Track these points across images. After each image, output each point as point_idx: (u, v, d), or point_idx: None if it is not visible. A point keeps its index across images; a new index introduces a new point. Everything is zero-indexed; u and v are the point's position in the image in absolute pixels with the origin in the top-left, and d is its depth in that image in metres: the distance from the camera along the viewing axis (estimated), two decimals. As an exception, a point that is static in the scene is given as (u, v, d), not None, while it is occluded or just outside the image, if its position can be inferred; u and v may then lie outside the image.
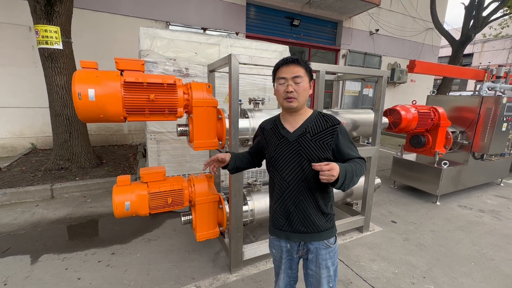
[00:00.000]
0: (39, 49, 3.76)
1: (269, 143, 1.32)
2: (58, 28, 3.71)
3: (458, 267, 2.42)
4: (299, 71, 1.18)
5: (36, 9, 3.57)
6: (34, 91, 5.13)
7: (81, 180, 3.78)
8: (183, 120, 2.19)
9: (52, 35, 3.69)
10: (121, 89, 1.67)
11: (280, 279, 1.41)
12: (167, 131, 3.08)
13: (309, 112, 1.29)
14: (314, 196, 1.23)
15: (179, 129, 2.05)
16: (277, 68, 1.25)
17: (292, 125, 1.27)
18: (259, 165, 1.55)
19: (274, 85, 1.28)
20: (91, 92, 1.58)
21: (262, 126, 1.41)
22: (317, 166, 1.05)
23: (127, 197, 1.86)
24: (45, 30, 3.63)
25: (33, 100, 5.19)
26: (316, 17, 8.08)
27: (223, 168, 1.45)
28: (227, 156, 1.40)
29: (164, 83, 1.78)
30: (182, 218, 2.19)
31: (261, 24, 7.43)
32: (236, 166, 1.45)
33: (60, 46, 3.77)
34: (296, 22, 7.67)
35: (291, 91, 1.18)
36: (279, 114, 1.38)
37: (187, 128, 2.05)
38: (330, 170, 1.02)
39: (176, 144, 3.17)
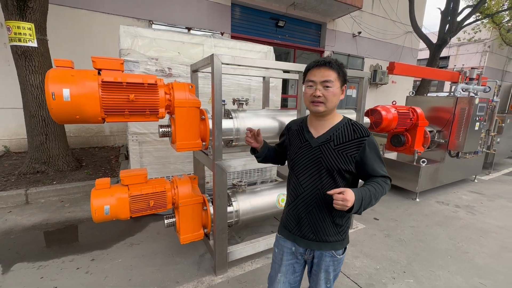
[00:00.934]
0: (11, 46, 3.56)
1: (292, 144, 1.29)
2: (32, 24, 3.53)
3: (436, 260, 2.52)
4: (330, 75, 1.12)
5: (8, 5, 3.38)
6: (7, 91, 4.85)
7: (58, 184, 3.61)
8: (165, 121, 2.15)
9: (26, 32, 3.51)
10: (98, 89, 1.61)
11: (279, 282, 1.33)
12: (150, 132, 3.00)
13: (338, 118, 1.22)
14: (329, 206, 1.16)
15: (161, 130, 2.00)
16: (308, 69, 1.18)
17: (317, 130, 1.22)
18: (283, 163, 1.51)
19: (303, 87, 1.23)
20: (66, 92, 1.52)
21: (288, 126, 1.38)
22: (331, 193, 1.01)
23: (106, 200, 1.79)
24: (18, 27, 3.44)
25: (5, 101, 4.91)
26: (300, 19, 8.18)
27: (252, 153, 1.47)
28: (261, 141, 1.41)
29: (145, 83, 1.74)
30: (165, 221, 2.14)
31: (246, 24, 7.42)
32: (265, 156, 1.43)
33: (34, 44, 3.59)
34: (281, 23, 7.72)
35: (319, 96, 1.12)
36: (307, 116, 1.32)
37: (169, 129, 2.01)
38: (343, 200, 0.97)
39: (159, 146, 3.10)
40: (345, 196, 0.97)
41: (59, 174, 3.96)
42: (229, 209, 2.30)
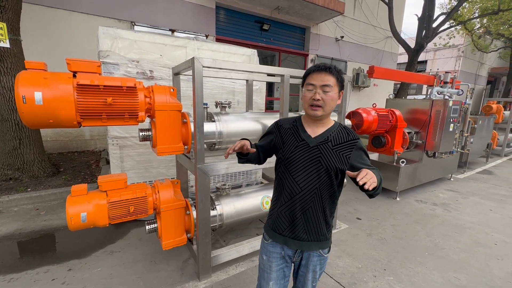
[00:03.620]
0: (-19, 46, 3.38)
1: (285, 143, 1.27)
2: (4, 24, 3.36)
3: (414, 257, 2.62)
4: (330, 80, 1.16)
5: (-23, 3, 3.21)
6: (-24, 93, 4.57)
7: (33, 191, 3.44)
8: (146, 124, 2.11)
9: (-3, 32, 3.33)
10: (74, 92, 1.56)
11: None
12: (131, 136, 2.93)
13: (331, 122, 1.28)
14: (324, 205, 1.22)
15: (141, 134, 1.96)
16: (308, 73, 1.21)
17: (314, 131, 1.25)
18: (263, 162, 1.41)
19: (302, 90, 1.26)
20: (38, 95, 1.46)
21: (279, 124, 1.34)
22: (353, 174, 0.99)
23: (83, 207, 1.73)
24: (-12, 26, 3.27)
25: (-25, 104, 4.62)
26: (285, 23, 8.30)
27: (238, 155, 1.31)
28: (250, 149, 1.27)
29: (123, 86, 1.70)
30: (147, 227, 2.09)
31: (231, 27, 7.44)
32: (249, 157, 1.33)
33: (6, 44, 3.41)
34: (265, 27, 7.80)
35: (318, 99, 1.16)
36: (300, 116, 1.34)
37: (150, 133, 1.97)
38: (372, 177, 0.96)
39: (141, 149, 3.03)
40: (370, 175, 0.96)
41: (34, 180, 3.77)
42: (213, 213, 2.28)
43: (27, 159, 3.82)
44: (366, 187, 0.94)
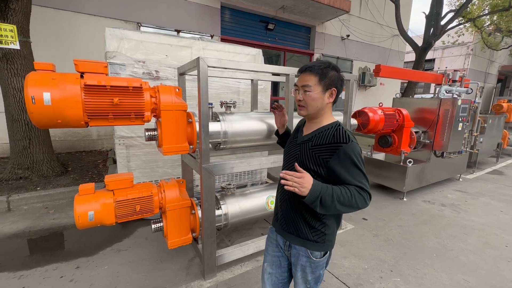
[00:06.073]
0: (-8, 48, 3.46)
1: (289, 138, 1.42)
2: (14, 26, 3.43)
3: (422, 259, 2.58)
4: (309, 79, 1.14)
5: (-12, 6, 3.29)
6: (-12, 94, 4.69)
7: (42, 190, 3.51)
8: (152, 124, 2.13)
9: (8, 34, 3.40)
10: (81, 92, 1.58)
11: (265, 272, 1.37)
12: (137, 135, 2.96)
13: (328, 121, 1.21)
14: (297, 203, 1.19)
15: (147, 133, 1.98)
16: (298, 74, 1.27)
17: (307, 129, 1.27)
18: None
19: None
20: (46, 96, 1.48)
21: (298, 124, 1.45)
22: (287, 172, 1.00)
23: (90, 206, 1.75)
24: (-1, 29, 3.34)
25: (-14, 104, 4.74)
26: (290, 22, 8.27)
27: (276, 134, 1.76)
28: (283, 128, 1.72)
29: (130, 86, 1.71)
30: (153, 226, 2.11)
31: (236, 27, 7.45)
32: (283, 141, 1.66)
33: (16, 46, 3.48)
34: (271, 26, 7.78)
35: (299, 100, 1.18)
36: None
37: (155, 133, 1.98)
38: (299, 180, 0.96)
39: (147, 149, 3.06)
40: (303, 180, 0.97)
41: (44, 179, 3.85)
42: (218, 212, 2.29)
43: (37, 159, 3.90)
44: (286, 187, 0.98)
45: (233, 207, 2.38)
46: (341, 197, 1.02)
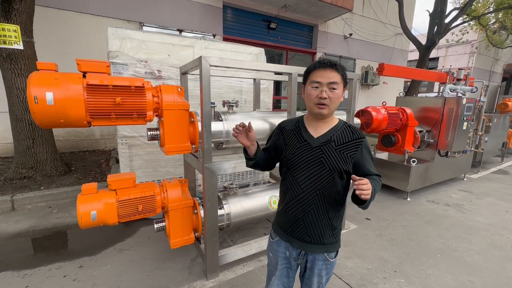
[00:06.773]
0: (-4, 49, 3.48)
1: (288, 144, 1.24)
2: (18, 27, 3.45)
3: (426, 259, 2.55)
4: (336, 77, 1.10)
5: (-8, 6, 3.31)
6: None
7: (46, 189, 3.53)
8: (154, 123, 2.13)
9: (11, 34, 3.42)
10: (83, 92, 1.58)
11: (273, 285, 1.36)
12: (140, 135, 2.96)
13: (335, 121, 1.23)
14: (327, 207, 1.18)
15: (149, 133, 1.98)
16: (311, 70, 1.15)
17: (317, 130, 1.20)
18: (272, 167, 1.40)
19: (304, 87, 1.19)
20: (49, 96, 1.48)
21: (282, 126, 1.31)
22: (358, 179, 0.98)
23: (93, 206, 1.75)
24: (3, 29, 3.36)
25: (-10, 104, 4.77)
26: (292, 21, 8.23)
27: (245, 154, 1.32)
28: (254, 144, 1.28)
29: (132, 86, 1.71)
30: (155, 225, 2.11)
31: (238, 26, 7.43)
32: (257, 160, 1.30)
33: (20, 46, 3.50)
34: (273, 25, 7.75)
35: (325, 98, 1.10)
36: (303, 116, 1.30)
37: (157, 132, 1.98)
38: (367, 189, 0.96)
39: (149, 149, 3.06)
40: (369, 186, 0.98)
41: (47, 179, 3.87)
42: (220, 212, 2.28)
43: (40, 158, 3.92)
44: (358, 193, 0.97)
45: (236, 206, 2.38)
46: (376, 188, 1.10)
